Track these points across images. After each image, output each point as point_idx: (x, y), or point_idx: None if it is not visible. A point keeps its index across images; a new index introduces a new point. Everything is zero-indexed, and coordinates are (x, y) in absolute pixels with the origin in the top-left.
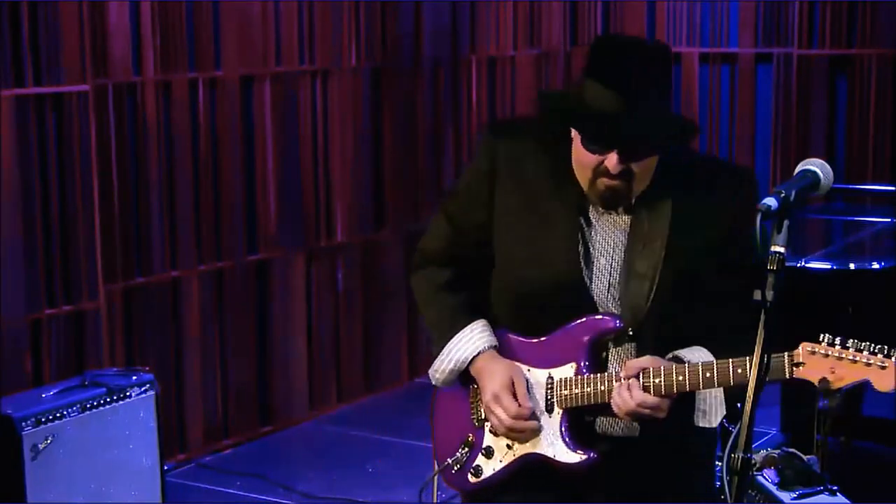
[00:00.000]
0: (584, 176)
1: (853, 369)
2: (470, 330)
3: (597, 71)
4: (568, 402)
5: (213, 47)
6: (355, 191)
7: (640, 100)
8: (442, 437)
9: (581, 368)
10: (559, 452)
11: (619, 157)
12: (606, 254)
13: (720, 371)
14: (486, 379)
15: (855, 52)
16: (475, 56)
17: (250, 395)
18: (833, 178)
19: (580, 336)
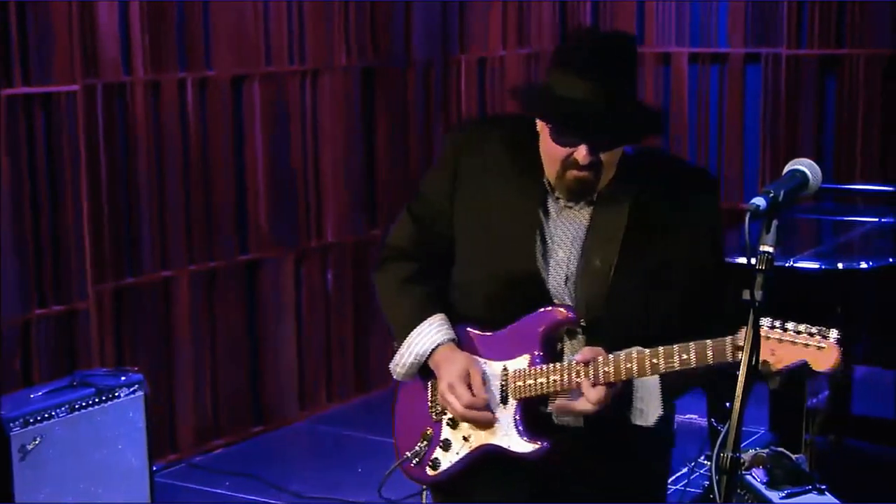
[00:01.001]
0: (552, 168)
1: (792, 351)
2: (429, 324)
3: (565, 63)
4: (521, 393)
5: (203, 47)
6: (346, 191)
7: (609, 91)
8: (402, 431)
9: (534, 360)
10: (513, 443)
11: (589, 148)
12: (565, 247)
13: (698, 351)
14: (443, 370)
15: (843, 53)
16: (465, 56)
17: (241, 395)
18: (822, 177)
19: (534, 328)
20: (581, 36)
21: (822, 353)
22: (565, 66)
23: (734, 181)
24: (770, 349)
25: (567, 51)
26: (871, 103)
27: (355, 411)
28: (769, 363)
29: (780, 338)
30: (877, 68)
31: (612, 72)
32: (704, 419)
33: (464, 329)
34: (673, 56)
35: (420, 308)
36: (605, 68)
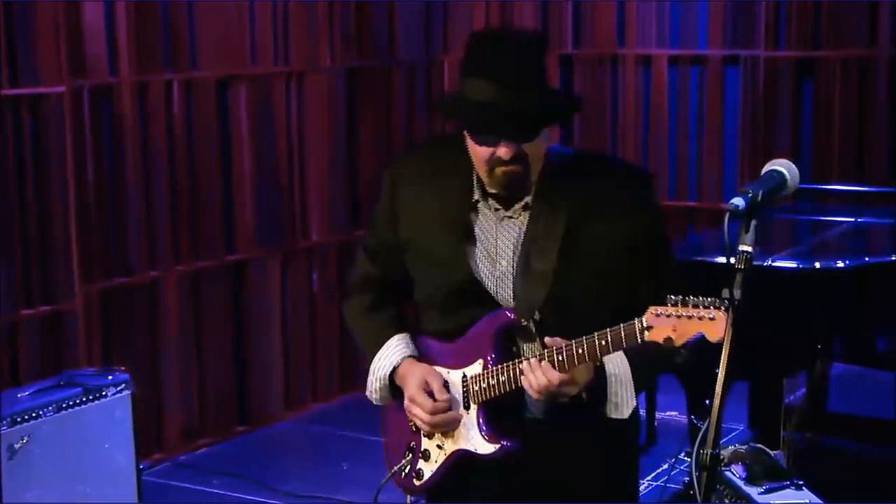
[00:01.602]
0: (482, 170)
1: (690, 325)
2: (386, 347)
3: (471, 65)
4: (481, 397)
5: (189, 49)
6: (331, 191)
7: (513, 85)
8: (391, 447)
9: (488, 363)
10: (478, 445)
11: (507, 143)
12: (507, 256)
13: (613, 336)
14: (406, 385)
15: (820, 55)
16: (448, 57)
17: (227, 394)
18: (799, 178)
19: (484, 334)
20: (480, 39)
21: (713, 324)
22: (471, 71)
23: (713, 181)
24: (672, 326)
25: (470, 56)
26: (848, 105)
27: (340, 410)
28: (672, 339)
29: (680, 314)
30: (852, 70)
31: (514, 67)
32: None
33: (425, 342)
34: (654, 58)
35: (378, 335)
36: (506, 65)
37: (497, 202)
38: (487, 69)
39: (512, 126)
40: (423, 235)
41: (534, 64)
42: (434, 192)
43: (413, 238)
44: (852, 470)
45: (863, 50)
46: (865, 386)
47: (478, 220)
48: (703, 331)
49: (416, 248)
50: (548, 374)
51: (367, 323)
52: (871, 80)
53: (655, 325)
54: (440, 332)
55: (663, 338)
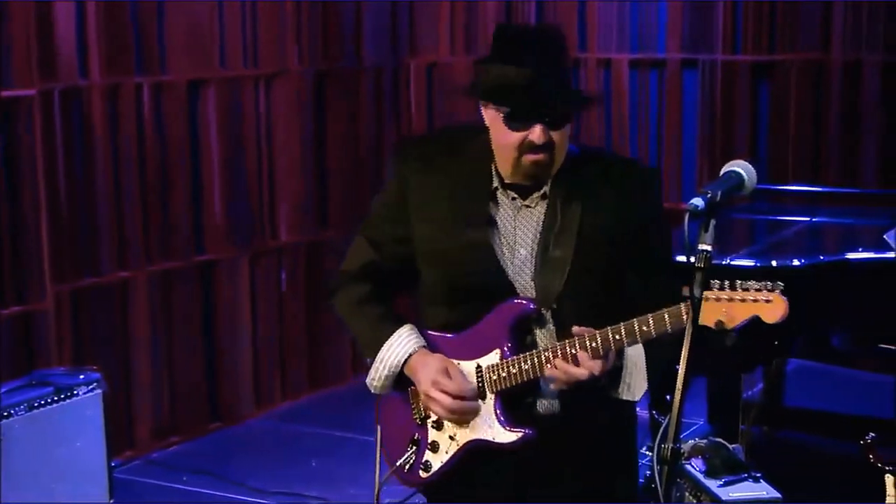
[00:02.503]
0: (508, 157)
1: (743, 308)
2: (397, 336)
3: (503, 53)
4: (498, 386)
5: (159, 52)
6: (299, 192)
7: (550, 72)
8: (389, 441)
9: (505, 353)
10: (497, 434)
11: (543, 127)
12: (526, 245)
13: (656, 321)
14: (421, 374)
15: (776, 59)
16: (414, 61)
17: (197, 392)
18: (756, 178)
19: (499, 323)
20: (511, 30)
21: (770, 306)
22: (505, 57)
23: (673, 182)
24: (723, 310)
25: (502, 44)
26: (803, 107)
27: (309, 408)
28: (723, 322)
29: (731, 297)
30: (807, 74)
31: (550, 55)
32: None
33: (431, 335)
34: (614, 62)
35: (384, 323)
36: (543, 53)
37: (514, 191)
38: (522, 56)
39: (549, 110)
40: (438, 225)
41: (563, 55)
42: (449, 182)
43: (426, 228)
44: (808, 462)
45: (816, 54)
46: (821, 381)
47: (496, 210)
48: (757, 313)
49: (428, 239)
50: (584, 364)
51: (370, 311)
52: (825, 83)
53: (703, 309)
54: (448, 325)
55: (714, 321)
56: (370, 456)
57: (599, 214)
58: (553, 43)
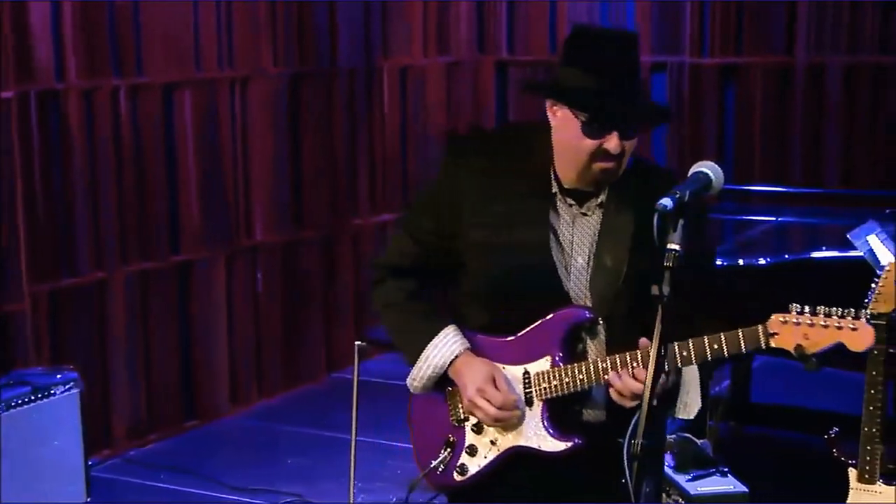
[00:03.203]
0: (576, 162)
1: (826, 334)
2: (443, 335)
3: (583, 56)
4: (547, 394)
5: (135, 55)
6: (274, 193)
7: (630, 81)
8: (422, 440)
9: (556, 360)
10: (544, 443)
11: (619, 136)
12: (583, 253)
13: (729, 339)
14: (467, 377)
15: (742, 62)
16: (387, 63)
17: (174, 391)
18: (724, 179)
19: (553, 330)
20: (590, 33)
21: (857, 334)
22: (584, 61)
23: None
24: (803, 334)
25: (581, 47)
26: (768, 109)
27: (285, 406)
28: (803, 347)
29: (812, 322)
30: (772, 77)
31: (630, 63)
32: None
33: (475, 336)
34: None
35: (430, 321)
36: (624, 60)
37: (572, 198)
38: (604, 62)
39: (629, 120)
40: (494, 225)
41: (639, 64)
42: (507, 182)
43: (481, 227)
44: (774, 457)
45: (781, 57)
46: (786, 377)
47: (555, 215)
48: (843, 340)
49: (483, 238)
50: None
51: (414, 308)
52: (789, 86)
53: (781, 331)
54: (491, 326)
55: (793, 345)
56: (345, 453)
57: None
58: (633, 50)
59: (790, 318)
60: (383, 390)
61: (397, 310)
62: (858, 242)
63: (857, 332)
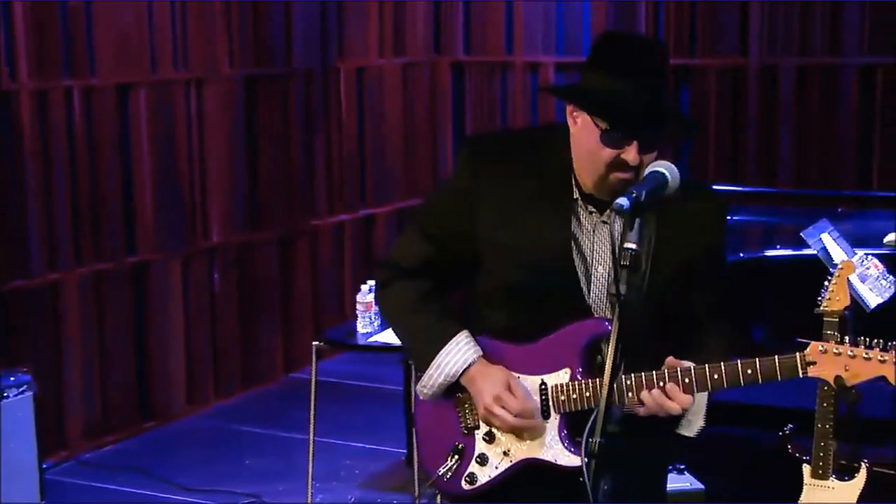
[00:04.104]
0: (594, 170)
1: (868, 366)
2: (456, 343)
3: (608, 64)
4: (566, 407)
5: (88, 56)
6: (231, 194)
7: (655, 90)
8: (428, 446)
9: (576, 374)
10: (559, 456)
11: (638, 148)
12: (604, 263)
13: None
14: (482, 385)
15: (696, 63)
16: (344, 65)
17: (129, 392)
18: (679, 178)
19: (574, 341)
20: (617, 38)
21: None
22: (608, 67)
23: None
24: (843, 365)
25: (607, 52)
26: (722, 109)
27: (242, 406)
28: (843, 378)
29: (853, 353)
30: (726, 78)
31: (655, 71)
32: None
33: (490, 342)
34: (541, 66)
35: (442, 326)
36: (648, 68)
37: (592, 205)
38: (631, 71)
39: (651, 132)
40: (516, 229)
41: (667, 75)
42: (529, 185)
43: (501, 231)
44: (729, 454)
45: (734, 59)
46: None
47: (576, 222)
48: (886, 374)
49: (502, 243)
50: (677, 398)
51: (425, 311)
52: (743, 87)
53: (820, 361)
54: (507, 331)
55: (833, 376)
56: (302, 454)
57: (672, 240)
58: (661, 61)
59: (829, 347)
60: (340, 390)
61: (407, 313)
62: (812, 241)
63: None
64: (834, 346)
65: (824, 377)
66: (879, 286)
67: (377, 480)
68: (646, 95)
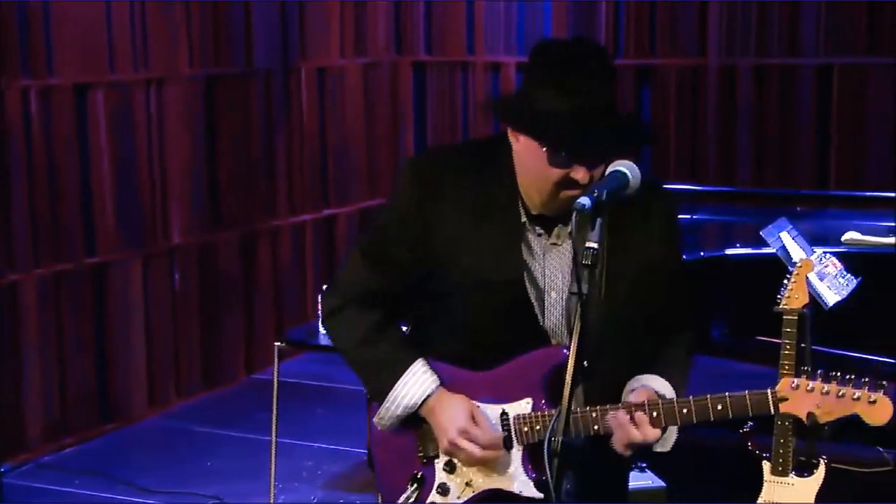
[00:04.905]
0: (541, 190)
1: (840, 404)
2: (412, 373)
3: (550, 83)
4: (529, 438)
5: (46, 55)
6: (191, 194)
7: (601, 105)
8: (385, 474)
9: (539, 405)
10: (525, 487)
11: (587, 166)
12: (557, 287)
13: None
14: (443, 417)
15: (656, 63)
16: (305, 65)
17: (90, 393)
18: (640, 177)
19: (535, 370)
20: (557, 50)
21: (874, 407)
22: (550, 83)
23: None
24: (815, 402)
25: (548, 68)
26: (681, 109)
27: (203, 407)
28: (815, 416)
29: (825, 390)
30: (685, 78)
31: (603, 84)
32: None
33: (449, 369)
34: (502, 65)
35: (395, 357)
36: (594, 81)
37: (541, 226)
38: (573, 84)
39: (599, 149)
40: (466, 257)
41: (614, 83)
42: (475, 208)
43: (450, 258)
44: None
45: (694, 59)
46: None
47: (526, 247)
48: (858, 413)
49: (452, 269)
50: (645, 432)
51: (379, 341)
52: (702, 87)
53: (792, 397)
54: (465, 359)
55: (805, 413)
56: (265, 455)
57: (626, 255)
58: (605, 71)
59: (802, 383)
60: (303, 391)
61: (358, 344)
62: (771, 239)
63: (875, 405)
64: (806, 382)
65: (796, 413)
66: (837, 284)
67: (340, 481)
68: (593, 113)
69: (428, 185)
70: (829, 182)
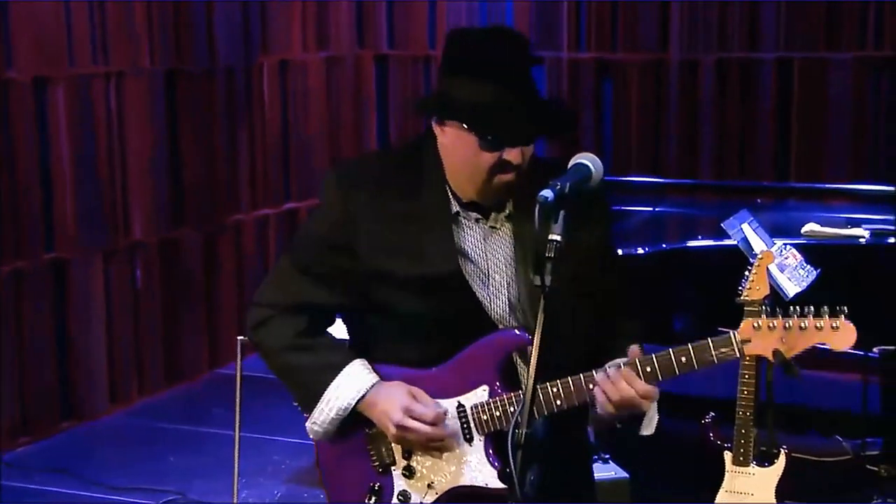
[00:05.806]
0: (475, 178)
1: (804, 336)
2: (346, 375)
3: (471, 69)
4: (490, 427)
5: (5, 48)
6: (153, 190)
7: (524, 88)
8: (339, 492)
9: (496, 390)
10: (491, 479)
11: (520, 145)
12: (500, 271)
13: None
14: (386, 405)
15: (618, 58)
16: (267, 59)
17: (50, 391)
18: (603, 170)
19: (487, 356)
20: (474, 38)
21: (838, 333)
22: (472, 73)
23: None
24: (779, 337)
25: (468, 56)
26: (644, 103)
27: (166, 403)
28: (781, 352)
29: (787, 325)
30: (647, 72)
31: (522, 65)
32: None
33: (393, 369)
34: None
35: (329, 361)
36: (514, 63)
37: (477, 212)
38: (493, 70)
39: (528, 129)
40: (398, 257)
41: (532, 63)
42: (403, 208)
43: (383, 260)
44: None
45: (655, 54)
46: None
47: (463, 235)
48: (824, 341)
49: (387, 272)
50: (634, 384)
51: (306, 350)
52: (664, 82)
53: (755, 338)
54: (412, 358)
55: (771, 350)
56: (228, 450)
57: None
58: (522, 50)
59: (762, 322)
60: (266, 386)
61: (287, 352)
62: (732, 231)
63: (838, 331)
64: (766, 320)
65: (762, 353)
66: (797, 275)
67: (304, 475)
68: (518, 93)
69: (352, 190)
70: (789, 175)
